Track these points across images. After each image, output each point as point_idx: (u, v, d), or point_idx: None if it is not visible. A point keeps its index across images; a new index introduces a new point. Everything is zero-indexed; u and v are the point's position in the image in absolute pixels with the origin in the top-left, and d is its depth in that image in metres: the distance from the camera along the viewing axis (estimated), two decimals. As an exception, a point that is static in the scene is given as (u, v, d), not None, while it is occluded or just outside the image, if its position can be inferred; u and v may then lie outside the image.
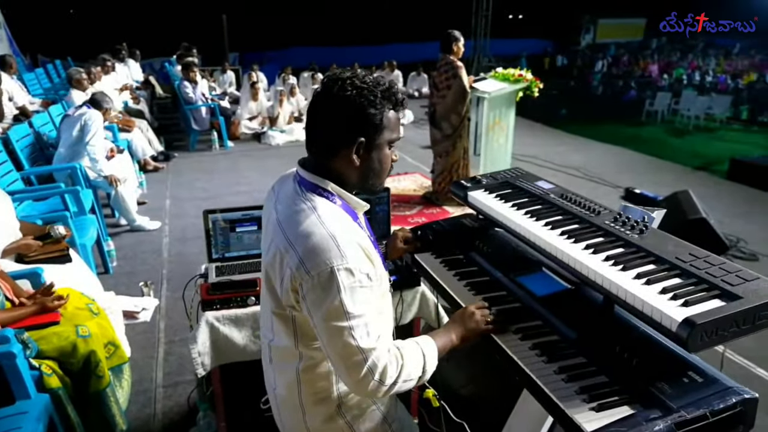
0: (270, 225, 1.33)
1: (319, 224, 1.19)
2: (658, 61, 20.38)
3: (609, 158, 7.86)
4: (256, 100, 8.70)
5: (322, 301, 1.16)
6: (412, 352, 1.28)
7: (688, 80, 16.20)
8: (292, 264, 1.18)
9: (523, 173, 2.08)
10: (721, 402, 1.11)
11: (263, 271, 1.32)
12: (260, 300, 1.46)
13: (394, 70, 11.93)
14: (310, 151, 1.30)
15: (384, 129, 1.25)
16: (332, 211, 1.23)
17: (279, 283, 1.23)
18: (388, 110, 1.25)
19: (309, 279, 1.15)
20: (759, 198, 6.20)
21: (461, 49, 4.99)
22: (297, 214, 1.23)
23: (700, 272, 1.27)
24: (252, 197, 5.78)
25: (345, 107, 1.21)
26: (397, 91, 1.28)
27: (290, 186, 1.32)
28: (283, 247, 1.21)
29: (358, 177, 1.28)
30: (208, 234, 2.36)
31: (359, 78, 1.23)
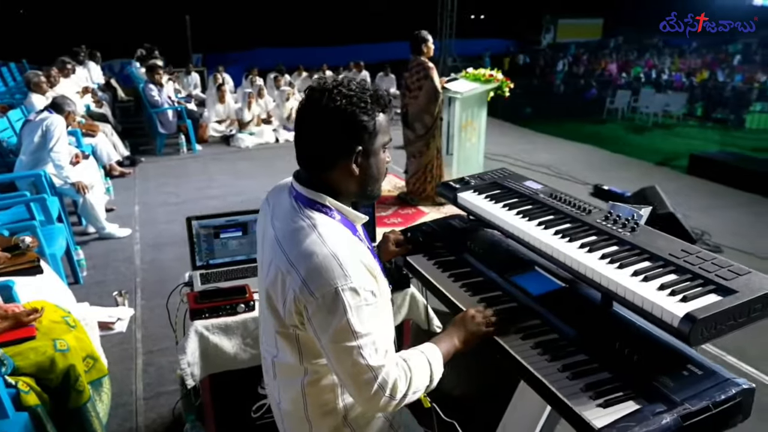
0: (267, 242, 1.29)
1: (320, 243, 1.16)
2: (616, 60, 20.94)
3: (576, 156, 8.05)
4: (223, 102, 8.56)
5: (328, 322, 1.14)
6: (419, 362, 1.27)
7: (645, 78, 16.70)
8: (294, 286, 1.15)
9: (510, 173, 2.10)
10: (722, 393, 1.15)
11: (263, 291, 1.28)
12: (260, 316, 1.43)
13: (362, 70, 11.90)
14: (303, 165, 1.27)
15: (378, 134, 1.24)
16: (332, 228, 1.21)
17: (282, 305, 1.21)
18: (379, 114, 1.23)
19: (313, 301, 1.13)
20: (719, 192, 6.44)
21: (431, 50, 5.03)
22: (297, 233, 1.20)
23: (694, 268, 1.31)
24: (225, 201, 5.69)
25: (338, 118, 1.18)
26: (384, 92, 1.27)
27: (286, 201, 1.29)
28: (285, 268, 1.18)
29: (358, 186, 1.27)
30: (191, 241, 2.31)
31: (345, 86, 1.20)
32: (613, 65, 19.97)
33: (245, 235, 2.39)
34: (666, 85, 15.42)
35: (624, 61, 20.96)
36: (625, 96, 13.38)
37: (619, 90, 13.93)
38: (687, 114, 13.43)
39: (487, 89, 5.32)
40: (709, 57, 21.84)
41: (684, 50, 23.96)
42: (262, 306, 1.34)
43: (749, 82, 15.18)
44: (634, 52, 23.57)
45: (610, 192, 5.83)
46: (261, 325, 1.44)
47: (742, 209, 5.85)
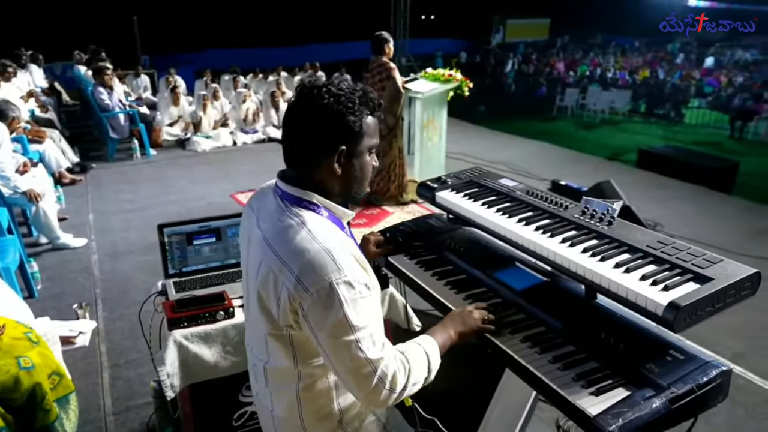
0: (255, 244, 1.28)
1: (310, 239, 1.16)
2: (563, 59, 21.60)
3: (531, 152, 8.25)
4: (177, 104, 8.34)
5: (325, 317, 1.14)
6: (416, 354, 1.29)
7: (591, 77, 17.29)
8: (288, 283, 1.15)
9: (485, 172, 2.15)
10: (704, 376, 1.22)
11: (253, 293, 1.26)
12: (247, 322, 1.41)
13: (318, 71, 11.82)
14: (290, 163, 1.28)
15: (364, 135, 1.25)
16: (321, 224, 1.21)
17: (275, 304, 1.19)
18: (366, 116, 1.24)
19: (309, 297, 1.13)
20: (667, 184, 6.74)
21: (392, 50, 5.06)
22: (286, 231, 1.19)
23: (671, 258, 1.38)
24: (183, 206, 5.55)
25: (324, 116, 1.20)
26: (373, 96, 1.28)
27: (272, 201, 1.29)
28: (276, 266, 1.18)
29: (341, 186, 1.27)
30: (163, 249, 2.25)
31: (334, 85, 1.22)
32: (561, 64, 20.59)
33: (219, 241, 2.34)
34: (611, 83, 16.02)
35: (571, 60, 21.65)
36: (574, 94, 13.86)
37: (567, 88, 14.40)
38: (632, 110, 14.03)
39: (447, 89, 5.39)
40: (650, 56, 22.84)
41: (626, 49, 24.96)
42: (251, 310, 1.32)
43: (687, 80, 15.98)
44: (580, 51, 24.38)
45: (567, 187, 6.00)
46: (249, 331, 1.42)
47: (688, 201, 6.15)
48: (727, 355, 3.09)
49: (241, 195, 5.88)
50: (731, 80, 15.90)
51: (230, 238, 2.37)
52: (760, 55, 22.32)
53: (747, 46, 24.88)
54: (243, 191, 5.99)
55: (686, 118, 13.36)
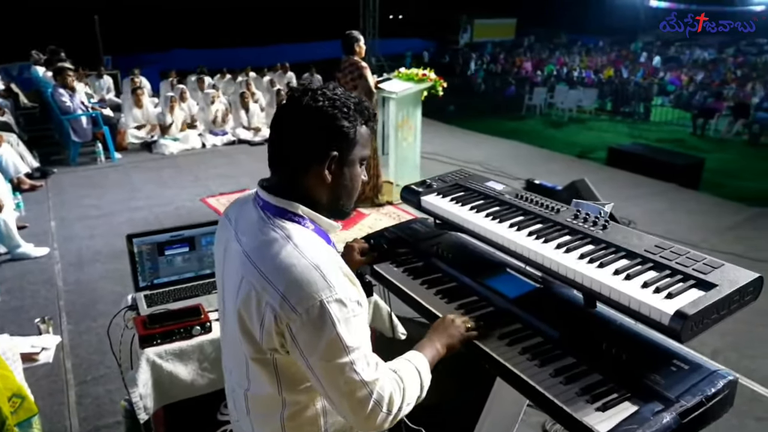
0: (233, 259, 1.18)
1: (297, 255, 1.07)
2: (530, 59, 21.87)
3: (503, 151, 8.29)
4: (140, 106, 8.08)
5: (317, 339, 1.05)
6: (409, 372, 1.22)
7: (558, 76, 17.55)
8: (273, 303, 1.06)
9: (470, 174, 2.08)
10: (712, 387, 1.18)
11: (232, 313, 1.16)
12: (225, 343, 1.31)
13: (287, 71, 11.67)
14: (276, 170, 1.19)
15: (357, 144, 1.17)
16: (308, 237, 1.13)
17: (258, 327, 1.09)
18: (361, 124, 1.18)
19: (297, 318, 1.04)
20: (637, 182, 6.84)
21: (363, 49, 4.98)
22: (269, 246, 1.10)
23: (671, 263, 1.33)
24: (152, 212, 5.36)
25: (317, 118, 1.12)
26: (368, 105, 1.21)
27: (252, 212, 1.19)
28: (259, 285, 1.08)
29: (329, 196, 1.19)
30: (133, 260, 2.12)
31: (329, 89, 1.15)
32: (528, 63, 20.85)
33: (192, 251, 2.22)
34: (578, 81, 16.28)
35: (538, 60, 21.94)
36: (542, 93, 14.04)
37: (535, 87, 14.57)
38: (598, 109, 14.29)
39: (421, 89, 5.34)
40: (614, 55, 23.33)
41: (590, 48, 25.45)
42: (229, 331, 1.22)
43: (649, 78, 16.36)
44: (546, 51, 24.74)
45: (542, 186, 6.02)
46: (227, 354, 1.31)
47: (659, 198, 6.25)
48: (706, 353, 3.11)
49: (212, 199, 5.71)
50: (692, 78, 16.35)
51: (204, 248, 2.25)
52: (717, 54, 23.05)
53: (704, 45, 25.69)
54: (214, 195, 5.83)
55: (651, 116, 13.66)
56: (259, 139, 8.13)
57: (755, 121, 11.11)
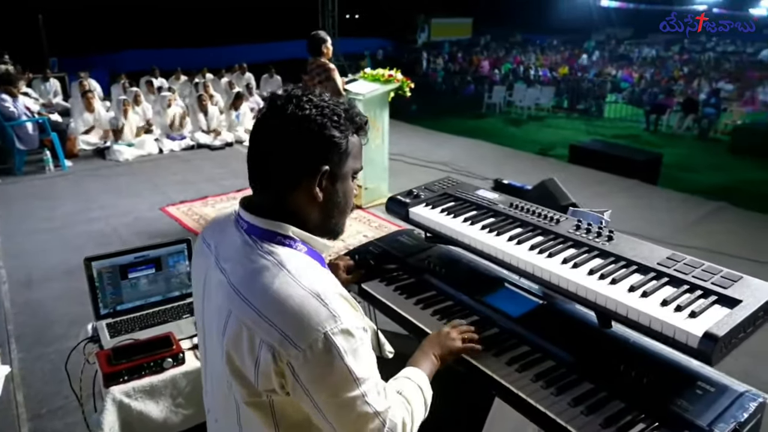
0: (216, 290, 1.04)
1: (293, 283, 0.95)
2: (488, 58, 22.10)
3: (468, 150, 8.26)
4: (91, 111, 7.67)
5: (324, 375, 0.93)
6: (413, 392, 1.15)
7: (515, 74, 17.78)
8: (270, 340, 0.92)
9: (457, 182, 1.99)
10: (744, 411, 1.11)
11: (219, 351, 1.01)
12: (209, 385, 1.16)
13: (246, 72, 11.35)
14: (258, 188, 1.05)
15: (349, 156, 1.04)
16: (302, 262, 1.00)
17: (252, 368, 0.96)
18: (352, 134, 1.05)
19: (300, 354, 0.91)
20: (600, 179, 6.91)
21: (330, 50, 4.82)
22: (259, 275, 0.97)
23: (687, 277, 1.26)
24: (109, 224, 5.05)
25: (305, 129, 0.99)
26: (359, 113, 1.07)
27: (235, 236, 1.05)
28: (251, 320, 0.95)
29: (320, 215, 1.06)
30: (92, 286, 1.92)
31: (315, 95, 1.02)
32: (486, 62, 21.05)
33: (159, 272, 2.04)
34: (535, 80, 16.53)
35: (495, 58, 22.19)
36: (501, 91, 14.20)
37: (495, 86, 14.71)
38: (555, 106, 14.53)
39: (388, 90, 5.22)
40: (567, 53, 23.85)
41: (545, 47, 25.95)
42: (214, 372, 1.07)
43: (602, 76, 16.76)
44: (503, 50, 25.08)
45: (511, 186, 5.98)
46: (210, 396, 1.16)
47: (622, 194, 6.33)
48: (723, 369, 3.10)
49: (173, 208, 5.44)
50: (642, 76, 16.85)
51: (172, 268, 2.07)
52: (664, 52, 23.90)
53: (651, 43, 26.61)
54: (174, 203, 5.55)
55: (605, 112, 13.99)
56: (219, 143, 7.84)
57: (704, 116, 11.51)
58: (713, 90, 12.84)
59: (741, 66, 18.70)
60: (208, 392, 1.17)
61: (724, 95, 13.08)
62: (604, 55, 23.49)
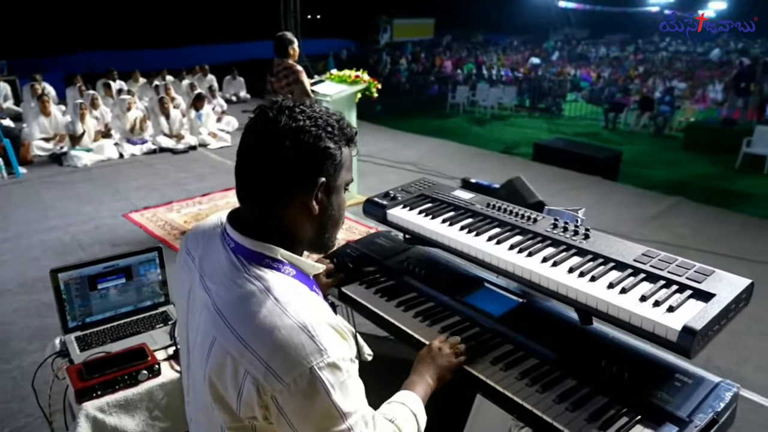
0: (201, 310, 1.01)
1: (280, 313, 0.92)
2: (450, 58, 22.31)
3: (434, 150, 8.33)
4: (47, 115, 7.39)
5: (309, 410, 0.90)
6: (406, 417, 1.12)
7: (478, 74, 18.02)
8: (255, 373, 0.90)
9: (433, 183, 1.99)
10: (720, 401, 1.14)
11: (202, 374, 0.98)
12: (190, 402, 1.12)
13: (207, 74, 11.13)
14: (248, 204, 1.01)
15: (342, 168, 1.03)
16: (290, 289, 0.97)
17: (235, 397, 0.93)
18: (345, 145, 1.03)
19: (284, 388, 0.89)
20: (563, 176, 7.06)
21: (297, 52, 4.78)
22: (246, 302, 0.94)
23: (663, 273, 1.29)
24: (68, 232, 4.87)
25: (301, 141, 0.96)
26: (349, 123, 1.06)
27: (221, 255, 1.02)
28: (236, 350, 0.92)
29: (315, 229, 1.04)
30: (59, 298, 1.85)
31: (306, 106, 1.00)
32: (448, 62, 21.25)
33: (130, 281, 1.98)
34: (497, 79, 16.79)
35: (457, 58, 22.43)
36: (464, 91, 14.37)
37: (458, 86, 14.87)
38: (518, 105, 14.79)
39: (356, 90, 5.21)
40: (528, 53, 24.31)
41: (506, 47, 26.39)
42: (197, 393, 1.04)
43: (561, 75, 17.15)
44: (465, 50, 25.36)
45: (478, 185, 6.07)
46: (194, 405, 1.13)
47: (586, 191, 6.49)
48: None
49: (136, 214, 5.29)
50: (600, 75, 17.32)
51: (143, 276, 2.02)
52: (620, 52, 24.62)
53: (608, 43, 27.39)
54: (138, 210, 5.40)
55: (565, 111, 14.33)
56: (182, 146, 7.67)
57: (659, 114, 11.91)
58: (667, 88, 13.30)
59: (692, 65, 19.43)
60: (190, 403, 1.14)
61: (678, 93, 13.55)
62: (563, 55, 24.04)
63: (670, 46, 26.66)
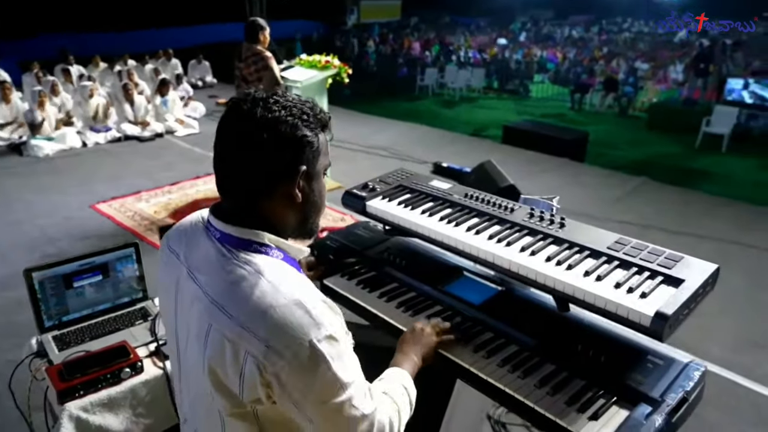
0: (191, 302, 1.02)
1: (273, 292, 0.94)
2: (418, 39, 22.21)
3: (405, 134, 8.34)
4: (8, 102, 7.09)
5: (312, 383, 0.93)
6: (398, 391, 1.17)
7: (446, 56, 18.01)
8: (255, 352, 0.92)
9: (411, 173, 2.01)
10: (690, 380, 1.21)
11: (200, 365, 0.99)
12: (186, 394, 1.13)
13: (171, 58, 10.83)
14: (229, 195, 1.02)
15: (320, 154, 1.04)
16: (280, 270, 0.99)
17: (237, 380, 0.95)
18: (320, 132, 1.04)
19: (285, 364, 0.91)
20: (532, 158, 7.18)
21: (267, 39, 4.70)
22: (238, 286, 0.95)
23: (635, 260, 1.35)
24: (35, 225, 4.73)
25: (277, 132, 0.97)
26: (322, 109, 1.07)
27: (207, 246, 1.03)
28: (233, 333, 0.93)
29: (298, 217, 1.06)
30: (34, 297, 1.82)
31: (279, 96, 1.01)
32: (417, 44, 21.16)
33: (107, 278, 1.96)
34: (465, 61, 16.82)
35: (425, 40, 22.34)
36: (433, 74, 14.37)
37: (426, 68, 14.85)
38: (486, 87, 14.87)
39: (326, 76, 5.17)
40: (495, 35, 24.39)
41: (473, 29, 26.41)
42: (194, 385, 1.05)
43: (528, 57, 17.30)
44: (432, 32, 25.28)
45: (450, 169, 6.14)
46: (189, 407, 1.13)
47: (554, 173, 6.61)
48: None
49: (104, 205, 5.17)
50: (565, 56, 17.53)
51: (119, 273, 1.99)
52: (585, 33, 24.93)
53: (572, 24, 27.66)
54: (105, 200, 5.27)
55: (532, 92, 14.49)
56: (148, 134, 7.47)
57: (623, 94, 12.16)
58: (631, 69, 13.55)
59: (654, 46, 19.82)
60: (184, 402, 1.14)
61: (641, 74, 13.83)
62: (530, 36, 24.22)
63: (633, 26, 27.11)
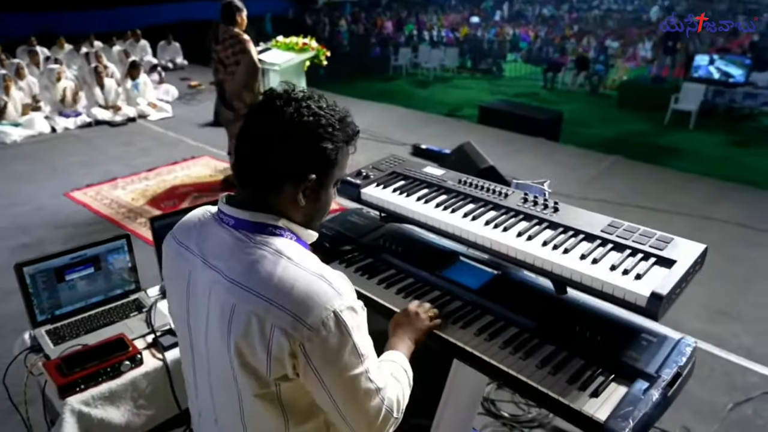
0: (209, 290, 1.04)
1: (295, 268, 0.98)
2: (390, 18, 22.00)
3: (381, 115, 8.32)
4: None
5: (335, 353, 0.97)
6: (399, 371, 1.20)
7: (419, 35, 17.90)
8: (283, 324, 0.95)
9: (403, 160, 2.03)
10: (682, 356, 1.28)
11: (225, 350, 1.01)
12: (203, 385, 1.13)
13: (140, 39, 10.51)
14: (247, 183, 1.05)
15: (336, 167, 1.07)
16: (298, 249, 1.03)
17: (264, 355, 0.97)
18: (343, 144, 1.07)
19: (312, 333, 0.95)
20: (508, 138, 7.25)
21: (245, 21, 4.60)
22: (260, 265, 0.99)
23: (628, 242, 1.40)
24: (8, 215, 4.61)
25: (300, 137, 1.00)
26: (352, 120, 1.09)
27: (222, 234, 1.06)
28: (260, 308, 0.96)
29: (302, 217, 1.09)
30: (26, 292, 1.79)
31: (314, 100, 1.03)
32: (389, 23, 20.96)
33: (99, 271, 1.94)
34: (438, 41, 16.75)
35: (397, 19, 22.15)
36: (407, 53, 14.29)
37: (400, 48, 14.76)
38: (460, 67, 14.86)
39: (304, 59, 5.11)
40: (467, 13, 24.32)
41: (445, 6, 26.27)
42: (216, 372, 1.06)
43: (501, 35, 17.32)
44: (404, 10, 25.06)
45: (429, 151, 6.16)
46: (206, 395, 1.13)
47: (530, 152, 6.70)
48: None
49: (79, 193, 5.05)
50: (537, 35, 17.61)
51: (111, 264, 1.97)
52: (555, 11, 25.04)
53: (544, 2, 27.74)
54: (80, 188, 5.15)
55: (506, 71, 14.55)
56: (120, 118, 7.28)
57: (594, 73, 12.32)
58: (601, 47, 13.70)
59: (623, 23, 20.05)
60: (200, 395, 1.16)
61: (611, 52, 14.00)
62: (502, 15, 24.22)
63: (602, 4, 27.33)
